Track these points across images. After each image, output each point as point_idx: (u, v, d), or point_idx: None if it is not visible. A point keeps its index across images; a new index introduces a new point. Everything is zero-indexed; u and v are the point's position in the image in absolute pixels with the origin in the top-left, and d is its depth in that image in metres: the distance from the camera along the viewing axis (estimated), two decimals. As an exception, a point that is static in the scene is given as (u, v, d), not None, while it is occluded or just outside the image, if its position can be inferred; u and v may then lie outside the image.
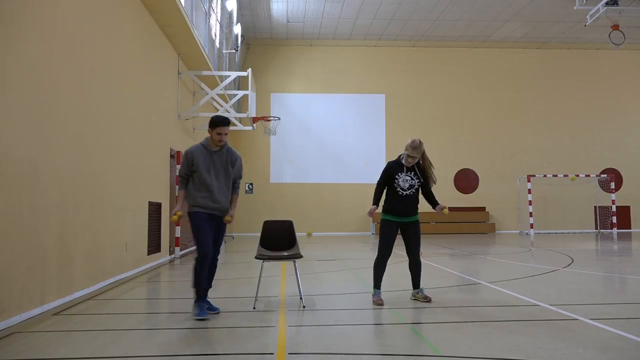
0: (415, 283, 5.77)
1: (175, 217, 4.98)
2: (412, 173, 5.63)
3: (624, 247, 14.22)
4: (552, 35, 22.06)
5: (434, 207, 5.77)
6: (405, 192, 5.60)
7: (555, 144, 23.14)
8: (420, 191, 5.76)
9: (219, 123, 5.04)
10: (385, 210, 5.73)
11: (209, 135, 5.12)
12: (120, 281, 7.53)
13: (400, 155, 5.74)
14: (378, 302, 5.47)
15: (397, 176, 5.62)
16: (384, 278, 5.73)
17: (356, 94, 22.92)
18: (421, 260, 5.81)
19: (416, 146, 5.56)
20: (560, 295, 6.25)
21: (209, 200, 5.01)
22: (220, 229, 5.16)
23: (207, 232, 4.99)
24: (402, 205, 5.62)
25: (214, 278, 5.24)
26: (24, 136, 4.97)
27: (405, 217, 5.66)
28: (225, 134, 5.06)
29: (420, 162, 5.69)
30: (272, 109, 22.07)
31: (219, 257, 5.23)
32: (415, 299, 5.71)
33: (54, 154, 5.58)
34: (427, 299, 5.61)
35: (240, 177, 5.33)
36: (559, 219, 22.33)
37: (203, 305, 4.92)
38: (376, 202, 5.70)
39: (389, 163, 5.80)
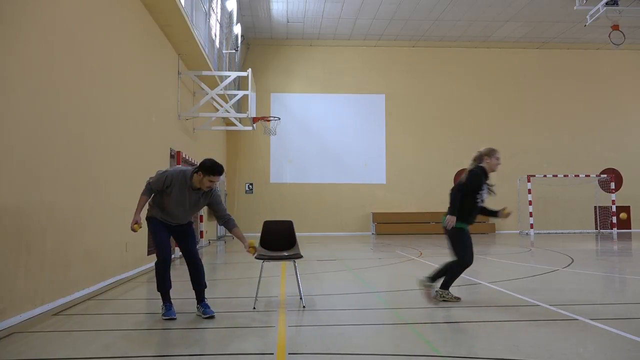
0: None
1: (137, 226, 4.91)
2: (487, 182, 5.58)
3: (623, 247, 14.22)
4: (552, 35, 22.06)
5: (495, 214, 5.61)
6: (482, 204, 5.55)
7: (555, 144, 23.14)
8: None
9: (214, 171, 4.75)
10: (465, 219, 5.52)
11: (197, 174, 4.81)
12: (120, 281, 7.53)
13: (479, 164, 5.62)
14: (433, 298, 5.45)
15: (483, 186, 5.54)
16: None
17: (356, 94, 22.91)
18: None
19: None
20: (560, 295, 6.24)
21: (168, 220, 5.06)
22: (184, 231, 5.14)
23: (164, 235, 5.02)
24: (476, 215, 5.53)
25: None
26: (23, 136, 4.97)
27: (470, 224, 5.60)
28: (217, 182, 4.90)
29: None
30: (272, 109, 22.06)
31: (199, 256, 5.21)
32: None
33: (53, 154, 5.58)
34: (457, 299, 5.61)
35: (223, 210, 5.11)
36: (559, 219, 22.32)
37: (170, 306, 4.95)
38: (457, 212, 5.43)
39: (477, 171, 5.53)
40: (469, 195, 5.45)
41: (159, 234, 5.01)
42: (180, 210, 4.97)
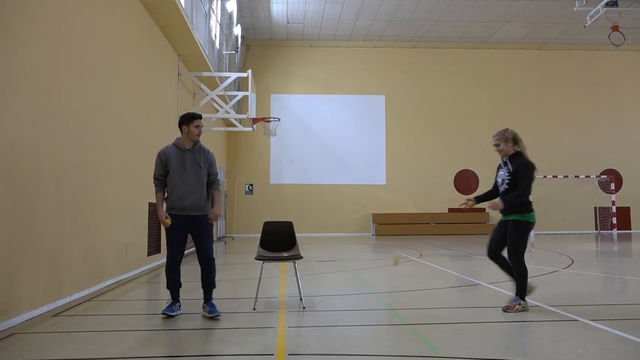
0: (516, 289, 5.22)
1: (168, 220, 4.97)
2: (507, 167, 5.42)
3: (623, 248, 14.22)
4: (552, 36, 22.07)
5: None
6: (501, 188, 5.37)
7: (555, 144, 23.12)
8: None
9: (194, 116, 5.10)
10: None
11: (181, 133, 5.11)
12: (120, 282, 7.53)
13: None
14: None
15: (498, 172, 5.52)
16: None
17: (356, 95, 22.91)
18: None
19: (496, 133, 5.46)
20: (560, 296, 6.24)
21: (180, 199, 5.01)
22: (200, 228, 5.12)
23: (176, 236, 5.06)
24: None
25: (216, 278, 5.23)
26: (24, 137, 4.98)
27: (504, 215, 5.36)
28: (202, 127, 5.13)
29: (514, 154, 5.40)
30: (272, 110, 22.06)
31: (213, 255, 5.21)
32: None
33: (54, 155, 5.59)
34: (509, 309, 5.05)
35: (215, 173, 5.27)
36: (559, 220, 22.30)
37: (173, 302, 5.06)
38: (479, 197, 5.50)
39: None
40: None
41: (172, 235, 5.07)
42: (186, 178, 5.00)
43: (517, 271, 5.22)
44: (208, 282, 5.11)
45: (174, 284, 5.08)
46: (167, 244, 5.11)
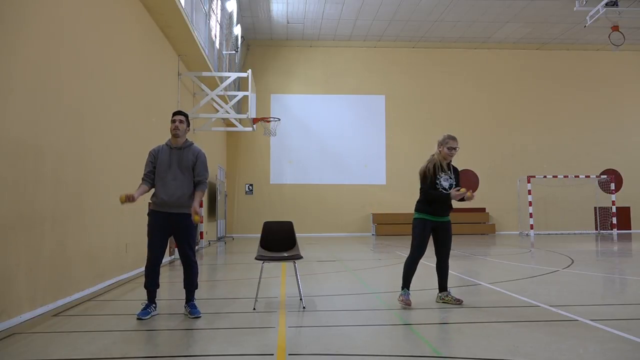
0: (443, 285, 5.72)
1: (123, 197, 4.88)
2: (449, 172, 5.74)
3: (623, 248, 14.22)
4: (552, 36, 22.07)
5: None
6: (446, 192, 5.60)
7: (555, 144, 23.13)
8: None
9: (174, 113, 5.32)
10: (420, 209, 5.79)
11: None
12: (120, 282, 7.53)
13: (432, 157, 5.82)
14: (406, 303, 5.39)
15: (438, 176, 5.67)
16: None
17: (356, 95, 22.90)
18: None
19: (454, 136, 5.82)
20: (560, 296, 6.25)
21: (164, 194, 5.06)
22: (180, 227, 5.14)
23: (157, 236, 5.10)
24: (440, 204, 5.63)
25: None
26: (24, 137, 4.98)
27: (440, 217, 5.71)
28: (180, 122, 5.22)
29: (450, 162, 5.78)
30: (272, 109, 22.06)
31: (195, 257, 5.23)
32: (444, 302, 5.59)
33: (54, 155, 5.59)
34: (459, 301, 5.52)
35: (202, 175, 5.24)
36: (559, 220, 22.31)
37: (148, 305, 5.07)
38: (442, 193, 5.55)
39: (424, 167, 5.82)
40: (429, 187, 5.73)
41: (152, 234, 5.13)
42: (172, 172, 5.09)
43: (448, 267, 5.83)
44: (189, 284, 5.17)
45: (151, 284, 5.10)
46: (148, 243, 5.13)
